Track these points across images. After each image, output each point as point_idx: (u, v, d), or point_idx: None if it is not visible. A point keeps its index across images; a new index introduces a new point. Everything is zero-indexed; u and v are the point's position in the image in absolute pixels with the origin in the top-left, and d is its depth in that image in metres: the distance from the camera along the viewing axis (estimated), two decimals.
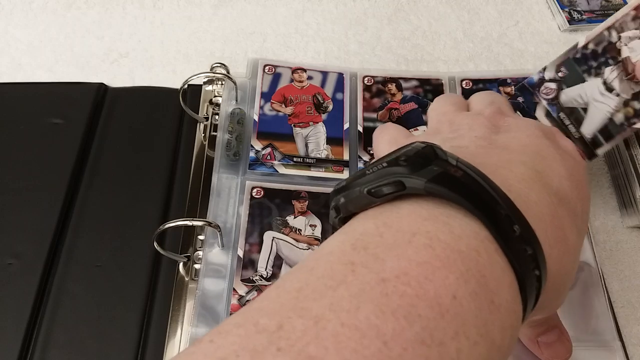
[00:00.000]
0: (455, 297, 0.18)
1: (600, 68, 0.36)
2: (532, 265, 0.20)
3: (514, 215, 0.20)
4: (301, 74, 0.46)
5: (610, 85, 0.36)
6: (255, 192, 0.40)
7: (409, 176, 0.21)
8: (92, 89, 0.46)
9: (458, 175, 0.20)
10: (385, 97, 0.46)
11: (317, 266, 0.19)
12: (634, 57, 0.35)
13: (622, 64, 0.36)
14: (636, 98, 0.36)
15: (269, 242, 0.38)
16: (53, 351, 0.35)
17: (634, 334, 0.37)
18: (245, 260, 0.37)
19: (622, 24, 0.36)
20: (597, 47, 0.36)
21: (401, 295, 0.17)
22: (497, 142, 0.25)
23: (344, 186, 0.23)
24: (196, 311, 0.35)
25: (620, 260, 0.40)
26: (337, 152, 0.43)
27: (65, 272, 0.38)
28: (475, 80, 0.47)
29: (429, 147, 0.22)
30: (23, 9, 0.53)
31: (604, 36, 0.36)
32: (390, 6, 0.55)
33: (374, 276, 0.18)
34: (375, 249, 0.19)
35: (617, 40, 0.36)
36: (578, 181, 0.25)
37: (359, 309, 0.17)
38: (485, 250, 0.19)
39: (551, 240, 0.22)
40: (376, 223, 0.20)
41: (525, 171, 0.23)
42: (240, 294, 0.36)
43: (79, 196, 0.41)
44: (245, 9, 0.54)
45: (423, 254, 0.18)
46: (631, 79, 0.36)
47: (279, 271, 0.37)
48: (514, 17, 0.54)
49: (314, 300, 0.17)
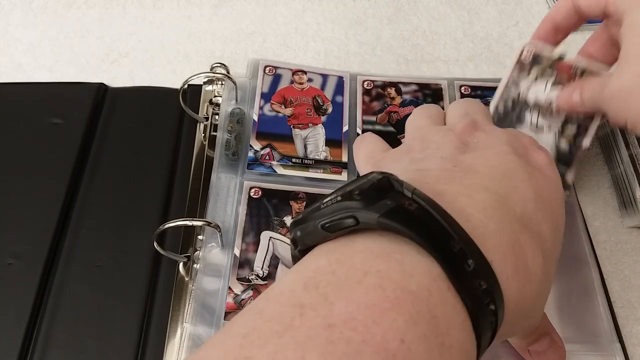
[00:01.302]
0: (403, 341, 0.17)
1: (520, 117, 0.39)
2: (487, 300, 0.20)
3: (468, 249, 0.20)
4: (302, 76, 0.47)
5: (538, 125, 0.39)
6: (253, 192, 0.40)
7: (362, 210, 0.20)
8: (92, 89, 0.46)
9: (412, 209, 0.20)
10: (385, 100, 0.46)
11: (266, 308, 0.19)
12: (541, 97, 0.38)
13: (535, 106, 0.39)
14: (567, 123, 0.38)
15: (265, 242, 0.38)
16: (53, 351, 0.35)
17: (634, 334, 0.37)
18: (241, 259, 0.37)
19: (513, 81, 0.39)
20: (506, 104, 0.39)
21: (347, 341, 0.17)
22: (463, 163, 0.25)
23: (301, 219, 0.23)
24: (195, 311, 0.35)
25: (620, 260, 0.40)
26: (336, 153, 0.43)
27: (65, 272, 0.38)
28: (474, 87, 0.47)
29: (385, 179, 0.21)
30: (23, 9, 0.53)
31: (506, 96, 0.39)
32: (390, 6, 0.55)
33: (320, 321, 0.17)
34: (325, 289, 0.19)
35: (518, 93, 0.39)
36: (546, 201, 0.25)
37: (303, 358, 0.16)
38: (437, 288, 0.19)
39: (510, 271, 0.21)
40: (329, 259, 0.20)
41: (487, 198, 0.23)
42: (236, 292, 0.36)
43: (79, 196, 0.41)
44: (245, 9, 0.54)
45: (372, 295, 0.18)
46: (551, 113, 0.38)
47: (275, 271, 0.37)
48: (514, 17, 0.54)
49: (259, 347, 0.17)
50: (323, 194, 0.40)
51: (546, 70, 0.38)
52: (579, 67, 0.38)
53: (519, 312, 0.22)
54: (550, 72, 0.38)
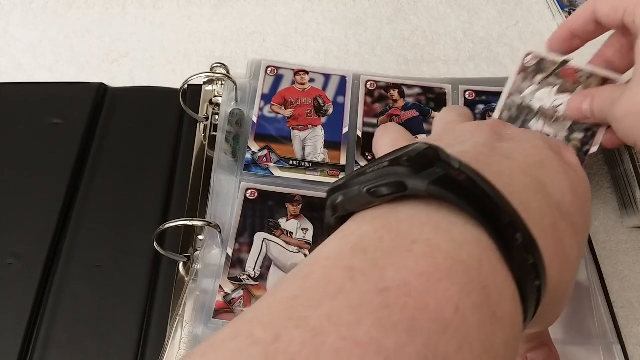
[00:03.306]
0: (457, 310, 0.17)
1: (525, 125, 0.38)
2: (533, 276, 0.20)
3: (516, 223, 0.20)
4: (303, 76, 0.46)
5: (544, 133, 0.38)
6: (250, 194, 0.40)
7: (411, 177, 0.20)
8: (92, 89, 0.46)
9: (461, 179, 0.20)
10: (387, 103, 0.45)
11: (313, 272, 0.18)
12: (546, 104, 0.38)
13: (540, 114, 0.38)
14: (573, 131, 0.38)
15: (259, 243, 0.38)
16: (53, 351, 0.35)
17: (634, 334, 0.37)
18: (233, 259, 0.37)
19: (517, 88, 0.38)
20: (510, 113, 0.38)
21: (402, 307, 0.17)
22: (500, 149, 0.25)
23: (342, 184, 0.22)
24: (196, 312, 0.35)
25: (620, 260, 0.40)
26: (334, 156, 0.43)
27: (66, 272, 0.38)
28: (479, 92, 0.46)
29: (432, 149, 0.21)
30: (23, 9, 0.53)
31: (510, 103, 0.38)
32: (390, 6, 0.55)
33: (373, 286, 0.17)
34: (374, 254, 0.18)
35: (521, 100, 0.38)
36: (580, 195, 0.25)
37: (359, 323, 0.16)
38: (487, 259, 0.19)
39: (551, 252, 0.21)
40: (375, 226, 0.20)
41: (527, 180, 0.23)
42: (226, 291, 0.36)
43: (79, 196, 0.41)
44: (245, 9, 0.54)
45: (424, 263, 0.18)
46: (556, 120, 0.38)
47: (267, 272, 0.37)
48: (514, 17, 0.54)
49: (312, 308, 0.17)
50: (320, 197, 0.40)
51: (550, 76, 0.38)
52: (585, 72, 0.37)
53: (553, 299, 0.22)
54: (555, 78, 0.38)
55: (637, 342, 0.37)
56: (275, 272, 0.37)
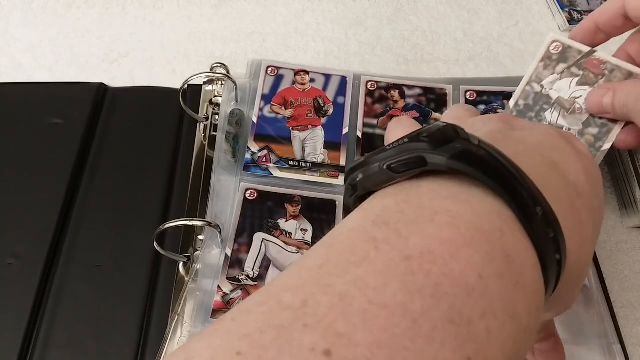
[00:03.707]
0: (481, 277, 0.17)
1: (540, 115, 0.38)
2: (554, 249, 0.20)
3: (536, 197, 0.20)
4: (304, 76, 0.46)
5: (557, 125, 0.37)
6: (249, 194, 0.40)
7: (431, 152, 0.20)
8: (92, 89, 0.46)
9: (480, 154, 0.20)
10: (387, 103, 0.45)
11: (337, 242, 0.19)
12: (565, 95, 0.37)
13: (557, 104, 0.37)
14: (588, 125, 0.37)
15: (258, 243, 0.38)
16: (53, 351, 0.35)
17: (634, 334, 0.37)
18: (232, 259, 0.37)
19: (537, 76, 0.38)
20: (527, 101, 0.38)
21: (427, 273, 0.17)
22: (513, 136, 0.25)
23: (362, 162, 0.23)
24: (196, 312, 0.35)
25: (620, 260, 0.40)
26: (334, 157, 0.43)
27: (66, 272, 0.38)
28: (480, 92, 0.46)
29: (450, 127, 0.21)
30: (23, 9, 0.53)
31: (528, 91, 0.38)
32: (390, 6, 0.55)
33: (397, 253, 0.17)
34: (396, 225, 0.19)
35: (540, 89, 0.38)
36: (594, 179, 0.25)
37: (385, 287, 0.16)
38: (509, 229, 0.19)
39: (570, 228, 0.21)
40: (396, 200, 0.20)
41: (542, 160, 0.23)
42: (225, 291, 0.36)
43: (79, 196, 0.41)
44: (245, 9, 0.54)
45: (447, 232, 0.18)
46: (573, 112, 0.37)
47: (266, 273, 0.37)
48: (514, 17, 0.54)
49: (337, 276, 0.17)
50: (319, 197, 0.40)
51: (573, 66, 0.37)
52: (610, 65, 0.36)
53: (571, 277, 0.22)
54: (577, 69, 0.37)
55: (637, 342, 0.37)
56: (274, 273, 0.37)
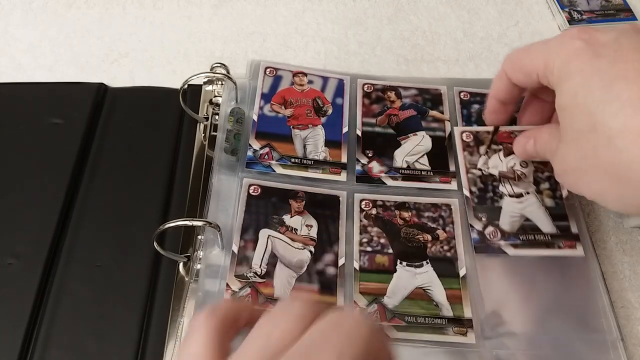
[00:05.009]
0: None
1: (496, 192, 0.41)
2: None
3: None
4: (302, 77, 0.46)
5: (517, 193, 0.40)
6: (253, 190, 0.40)
7: None
8: (92, 89, 0.46)
9: None
10: (385, 103, 0.46)
11: None
12: (502, 167, 0.41)
13: (503, 178, 0.41)
14: (539, 183, 0.41)
15: (264, 240, 0.38)
16: (53, 351, 0.35)
17: (634, 334, 0.37)
18: (239, 256, 0.37)
19: (470, 163, 0.42)
20: (478, 186, 0.41)
21: None
22: None
23: None
24: (197, 311, 0.35)
25: (620, 260, 0.40)
26: (335, 154, 0.43)
27: (66, 272, 0.38)
28: (473, 94, 0.47)
29: None
30: (23, 9, 0.53)
31: (472, 177, 0.41)
32: (390, 6, 0.55)
33: None
34: None
35: (480, 172, 0.41)
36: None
37: None
38: None
39: None
40: None
41: None
42: (234, 289, 0.36)
43: (79, 196, 0.41)
44: (245, 9, 0.54)
45: None
46: (520, 179, 0.41)
47: (274, 269, 0.37)
48: (514, 17, 0.54)
49: None
50: (323, 193, 0.40)
51: (491, 144, 0.42)
52: (516, 132, 0.40)
53: None
54: (496, 145, 0.42)
55: (637, 342, 0.37)
56: (281, 270, 0.37)
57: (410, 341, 0.35)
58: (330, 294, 0.37)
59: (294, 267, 0.37)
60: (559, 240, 0.39)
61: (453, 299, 0.37)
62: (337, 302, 0.36)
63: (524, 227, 0.39)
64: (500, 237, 0.39)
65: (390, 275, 0.37)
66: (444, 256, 0.38)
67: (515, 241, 0.39)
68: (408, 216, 0.40)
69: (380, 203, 0.41)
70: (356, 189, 0.41)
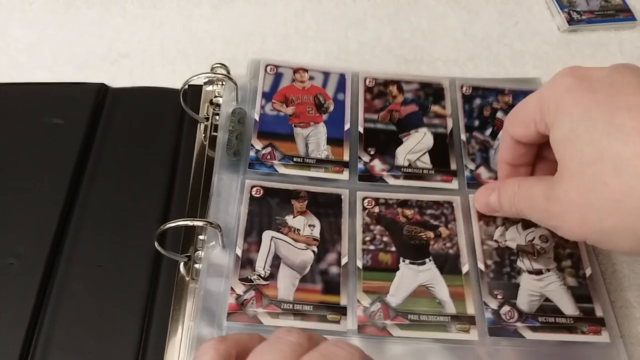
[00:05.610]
0: None
1: (514, 267, 0.38)
2: None
3: None
4: (303, 74, 0.47)
5: (535, 269, 0.38)
6: (255, 191, 0.40)
7: None
8: (93, 89, 0.46)
9: None
10: (386, 99, 0.46)
11: None
12: (520, 241, 0.39)
13: (520, 252, 0.39)
14: (560, 260, 0.38)
15: (267, 242, 0.38)
16: (53, 351, 0.35)
17: (634, 334, 0.37)
18: (243, 260, 0.37)
19: (486, 235, 0.39)
20: (494, 259, 0.38)
21: None
22: None
23: None
24: (198, 312, 0.35)
25: (620, 260, 0.40)
26: (337, 152, 0.43)
27: (66, 272, 0.38)
28: (475, 88, 0.47)
29: None
30: (23, 9, 0.53)
31: (489, 250, 0.39)
32: (390, 6, 0.55)
33: None
34: None
35: (497, 244, 0.39)
36: None
37: None
38: None
39: None
40: None
41: None
42: (238, 293, 0.36)
43: (79, 196, 0.41)
44: (245, 9, 0.54)
45: None
46: (539, 254, 0.38)
47: (277, 271, 0.37)
48: (513, 17, 0.54)
49: None
50: (325, 192, 0.40)
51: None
52: None
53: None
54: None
55: (637, 342, 0.37)
56: (284, 271, 0.37)
57: (413, 339, 0.35)
58: (334, 293, 0.37)
59: (297, 267, 0.37)
60: (583, 325, 0.36)
61: (456, 296, 0.37)
62: (340, 302, 0.36)
63: (544, 308, 0.36)
64: (517, 318, 0.36)
65: (393, 274, 0.38)
66: (447, 253, 0.39)
67: (534, 323, 0.36)
68: (410, 214, 0.40)
69: (382, 201, 0.41)
70: (358, 187, 0.41)
